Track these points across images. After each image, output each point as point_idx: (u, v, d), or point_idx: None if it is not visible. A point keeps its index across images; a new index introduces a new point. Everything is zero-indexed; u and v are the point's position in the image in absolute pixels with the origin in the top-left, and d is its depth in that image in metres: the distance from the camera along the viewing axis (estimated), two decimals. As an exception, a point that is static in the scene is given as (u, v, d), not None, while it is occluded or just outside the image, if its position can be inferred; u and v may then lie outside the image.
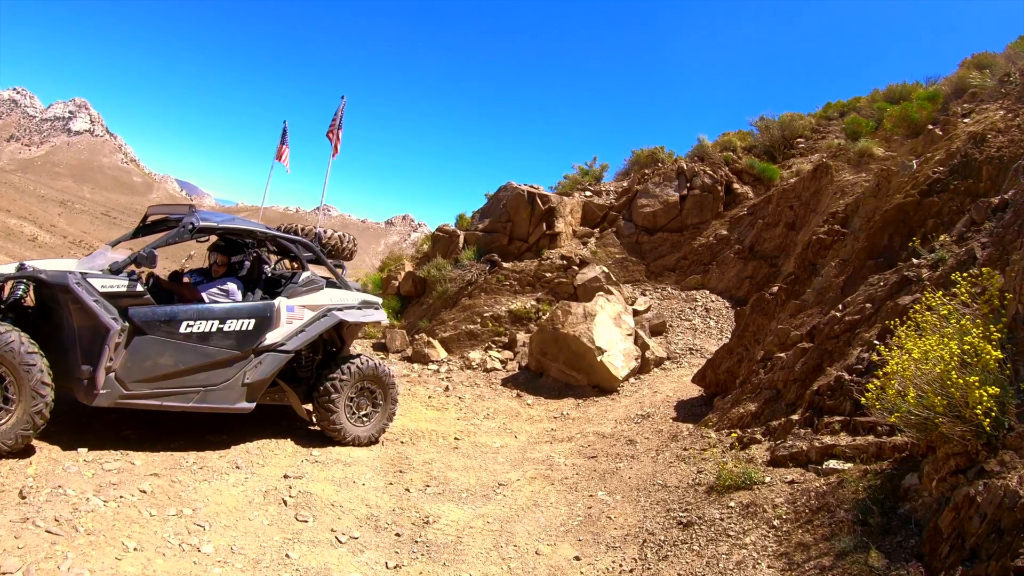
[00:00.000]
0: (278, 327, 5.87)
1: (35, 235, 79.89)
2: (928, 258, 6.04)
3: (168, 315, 5.29)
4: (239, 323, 5.64)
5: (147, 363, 5.18)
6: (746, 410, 6.26)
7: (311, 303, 6.16)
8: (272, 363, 5.84)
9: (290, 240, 6.38)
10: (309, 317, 6.11)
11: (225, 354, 5.58)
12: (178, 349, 5.32)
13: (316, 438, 6.50)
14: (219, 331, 5.52)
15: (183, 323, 5.34)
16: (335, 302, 6.34)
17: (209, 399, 5.57)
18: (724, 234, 13.98)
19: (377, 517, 5.03)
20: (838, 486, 4.29)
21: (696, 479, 5.28)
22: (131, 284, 5.11)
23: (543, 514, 5.20)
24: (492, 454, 6.93)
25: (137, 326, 5.10)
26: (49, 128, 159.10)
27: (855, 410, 4.93)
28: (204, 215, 5.85)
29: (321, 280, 6.36)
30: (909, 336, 4.27)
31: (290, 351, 5.96)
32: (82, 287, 4.83)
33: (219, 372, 5.58)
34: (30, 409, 4.58)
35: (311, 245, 6.52)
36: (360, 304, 6.58)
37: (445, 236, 14.80)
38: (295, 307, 6.02)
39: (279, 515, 4.91)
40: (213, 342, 5.50)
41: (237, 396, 5.72)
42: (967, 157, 7.08)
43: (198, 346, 5.42)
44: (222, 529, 4.61)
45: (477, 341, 11.64)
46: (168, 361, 5.29)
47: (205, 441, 5.94)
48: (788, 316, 7.16)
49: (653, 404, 8.41)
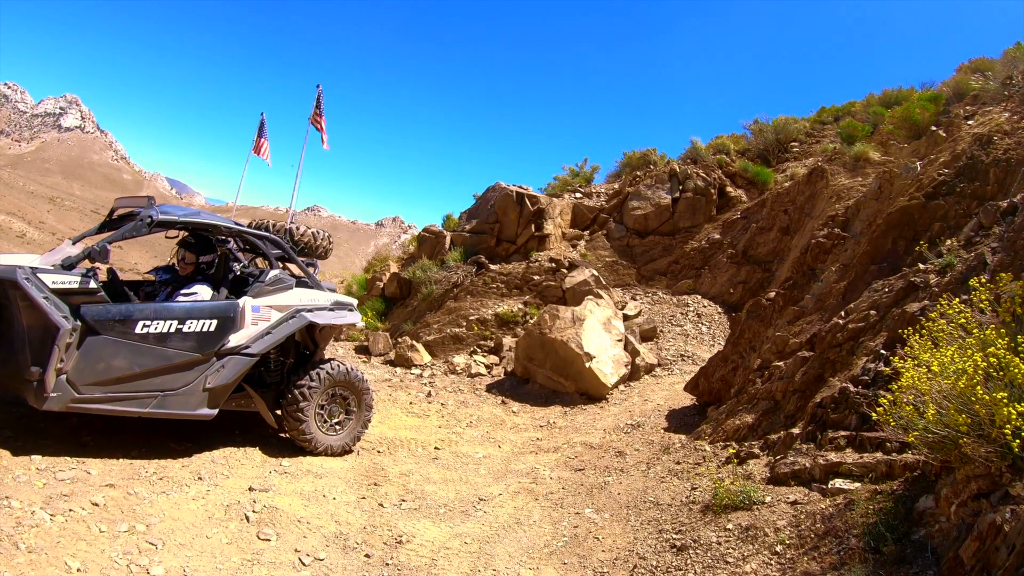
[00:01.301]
0: (243, 328, 5.49)
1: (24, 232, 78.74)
2: (936, 263, 5.74)
3: (123, 314, 4.94)
4: (200, 324, 5.26)
5: (100, 365, 4.84)
6: (742, 422, 5.92)
7: (279, 303, 5.78)
8: (236, 367, 5.46)
9: (257, 236, 5.97)
10: (276, 318, 5.73)
11: (185, 357, 5.21)
12: (134, 350, 4.97)
13: (287, 447, 6.11)
14: (178, 332, 5.16)
15: (139, 323, 4.98)
16: (305, 303, 5.96)
17: (167, 404, 5.20)
18: (717, 238, 13.69)
19: (346, 536, 4.64)
20: (846, 508, 3.94)
21: (690, 496, 4.92)
22: (84, 281, 4.78)
23: (526, 534, 4.81)
24: (474, 465, 6.55)
25: (90, 325, 4.75)
26: (40, 124, 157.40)
27: (861, 424, 4.60)
28: (165, 208, 5.44)
29: (290, 279, 5.97)
30: (923, 347, 3.95)
31: (255, 354, 5.57)
32: (31, 283, 4.49)
33: (178, 376, 5.21)
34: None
35: (280, 241, 6.12)
36: (333, 305, 6.21)
37: (431, 237, 14.41)
38: (261, 307, 5.64)
39: (240, 532, 4.53)
40: (172, 343, 5.14)
41: (198, 402, 5.34)
42: (973, 159, 6.80)
43: (155, 348, 5.07)
44: (176, 548, 4.23)
45: (462, 345, 11.26)
46: (123, 363, 4.94)
47: (168, 449, 5.56)
48: (786, 323, 6.84)
49: (643, 413, 8.05)
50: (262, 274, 5.88)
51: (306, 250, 6.67)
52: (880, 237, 6.52)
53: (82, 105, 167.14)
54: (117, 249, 5.88)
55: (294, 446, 6.06)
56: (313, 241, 6.68)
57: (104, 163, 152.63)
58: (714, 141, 16.93)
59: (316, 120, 8.21)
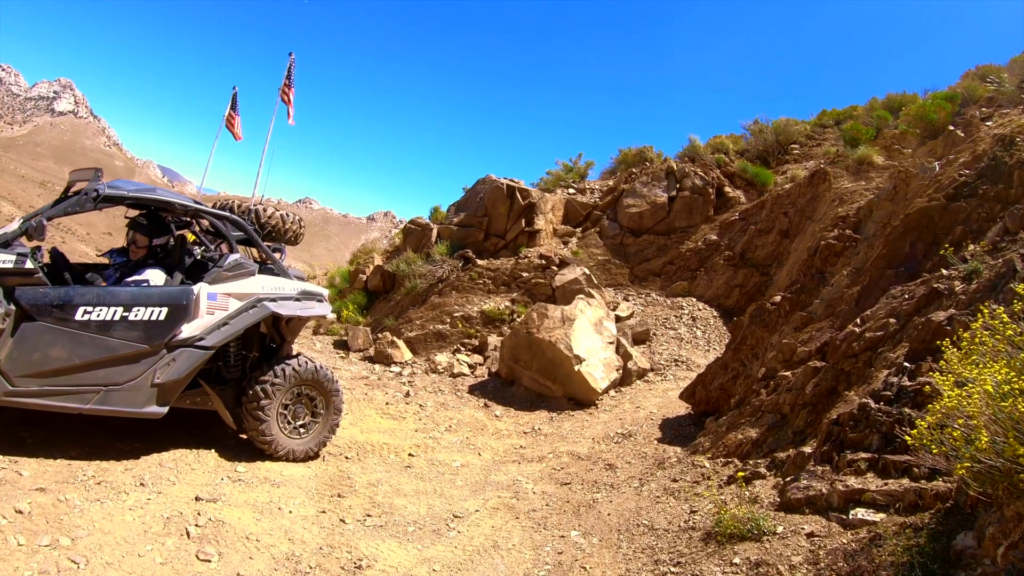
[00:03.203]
0: (197, 318, 4.94)
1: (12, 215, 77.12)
2: (960, 269, 5.25)
3: (62, 299, 4.44)
4: (148, 311, 4.72)
5: (36, 355, 4.36)
6: (745, 436, 5.40)
7: (238, 291, 5.21)
8: (188, 361, 4.91)
9: (217, 216, 5.38)
10: (235, 308, 5.17)
11: (130, 348, 4.68)
12: (73, 340, 4.47)
13: (246, 450, 5.55)
14: (123, 320, 4.63)
15: (79, 309, 4.47)
16: (268, 291, 5.39)
17: (111, 401, 4.67)
18: (714, 239, 13.20)
19: (299, 557, 4.06)
20: (871, 544, 3.42)
21: (689, 521, 4.38)
22: (19, 260, 4.29)
23: (503, 560, 4.25)
24: (450, 475, 5.98)
25: (25, 310, 4.29)
26: (33, 107, 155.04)
27: (885, 446, 4.08)
28: (114, 183, 4.87)
29: (253, 265, 5.40)
30: (964, 362, 3.45)
31: (210, 347, 5.01)
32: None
33: (123, 369, 4.68)
34: None
35: (242, 223, 5.50)
36: (299, 295, 5.64)
37: (417, 229, 13.83)
38: (218, 295, 5.08)
39: (177, 551, 3.96)
40: (116, 333, 4.62)
41: (145, 398, 4.79)
42: (996, 160, 6.33)
43: (97, 337, 4.55)
44: (101, 568, 3.67)
45: (445, 343, 10.68)
46: (61, 353, 4.44)
47: (113, 449, 5.01)
48: (793, 329, 6.33)
49: (635, 421, 7.52)
50: (221, 258, 5.32)
51: (273, 234, 6.08)
52: (897, 240, 6.03)
53: (76, 90, 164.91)
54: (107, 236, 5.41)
55: (252, 450, 5.51)
56: (281, 224, 6.09)
57: (96, 149, 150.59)
58: (713, 140, 16.46)
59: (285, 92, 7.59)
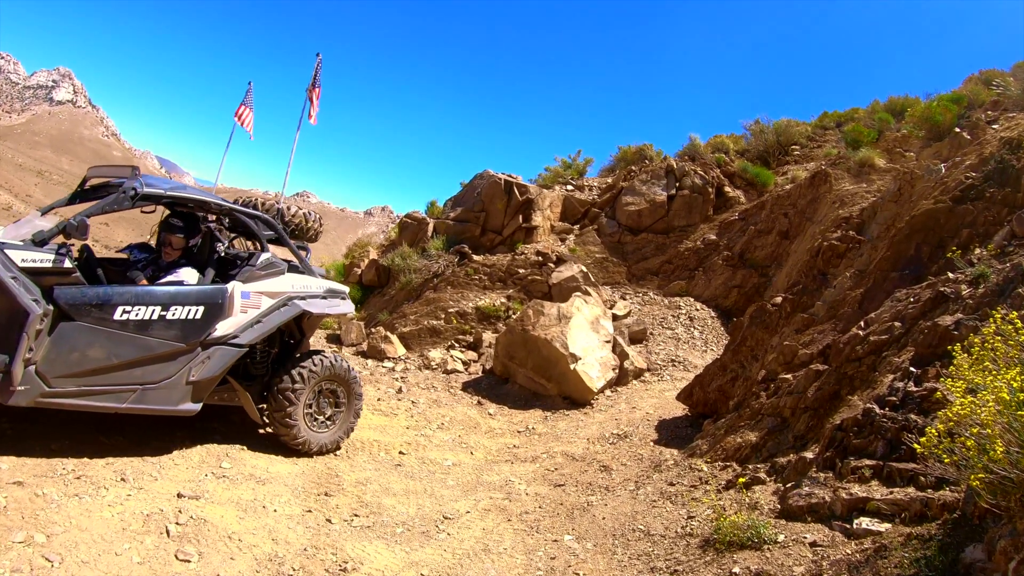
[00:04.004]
0: (231, 316, 4.97)
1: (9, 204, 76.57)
2: (967, 273, 5.13)
3: (101, 298, 4.38)
4: (185, 311, 4.74)
5: (74, 355, 4.30)
6: (744, 440, 5.27)
7: (270, 290, 5.27)
8: (223, 358, 4.95)
9: (249, 215, 5.41)
10: (267, 306, 5.23)
11: (168, 347, 4.69)
12: (112, 339, 4.43)
13: (233, 446, 5.40)
14: (161, 319, 4.63)
15: (118, 308, 4.43)
16: (297, 290, 5.46)
17: (147, 399, 4.68)
18: (713, 239, 13.07)
19: (281, 559, 3.91)
20: (876, 555, 3.29)
21: (687, 527, 4.25)
22: (58, 259, 4.21)
23: (494, 564, 4.11)
24: (441, 475, 5.84)
25: (63, 310, 4.21)
26: (31, 96, 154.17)
27: (890, 453, 3.96)
28: (150, 180, 4.81)
29: (283, 264, 5.45)
30: (976, 368, 3.32)
31: (244, 345, 5.07)
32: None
33: (160, 367, 4.69)
34: None
35: (272, 222, 5.56)
36: (325, 293, 5.73)
37: (413, 223, 13.67)
38: (251, 294, 5.12)
39: (156, 550, 3.81)
40: (154, 332, 4.61)
41: (180, 396, 4.82)
42: (1003, 163, 6.21)
43: (136, 336, 4.54)
44: (76, 567, 3.53)
45: (439, 339, 10.53)
46: (99, 353, 4.40)
47: (95, 443, 4.86)
48: (794, 331, 6.21)
49: (631, 422, 7.38)
50: (251, 257, 5.35)
51: (296, 232, 6.14)
52: (902, 242, 5.91)
53: (75, 79, 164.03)
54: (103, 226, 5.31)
55: (239, 445, 5.41)
56: (304, 223, 6.16)
57: (94, 138, 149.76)
58: (713, 140, 16.33)
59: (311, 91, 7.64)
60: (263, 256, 5.34)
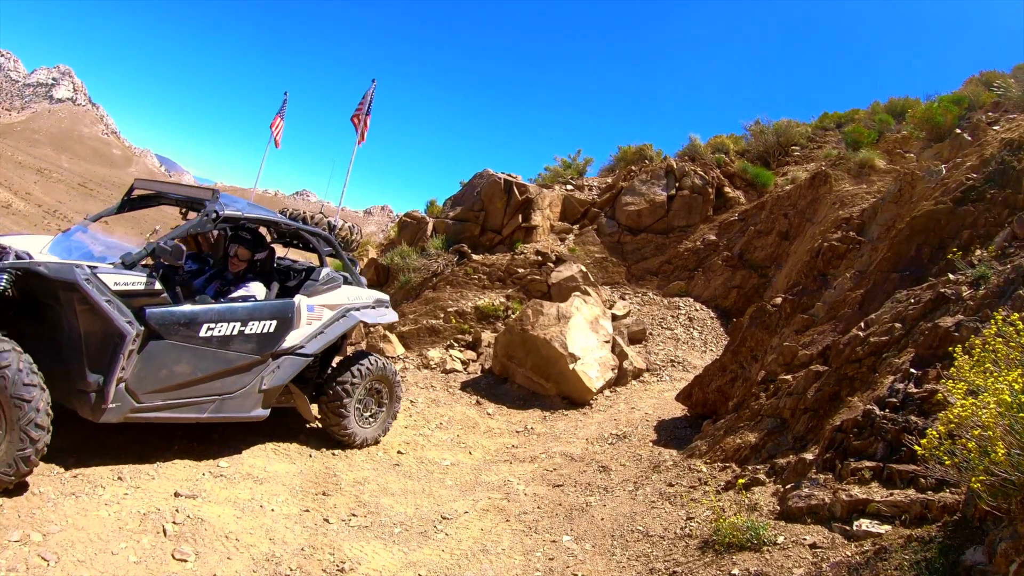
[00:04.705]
0: (298, 328, 5.29)
1: (9, 202, 76.41)
2: (968, 274, 5.12)
3: (188, 317, 4.56)
4: (261, 325, 5.00)
5: (163, 371, 4.48)
6: (744, 441, 5.26)
7: (330, 302, 5.62)
8: (291, 367, 5.28)
9: (312, 233, 5.78)
10: (328, 317, 5.57)
11: (245, 359, 4.95)
12: (197, 355, 4.64)
13: (228, 444, 5.38)
14: (240, 334, 4.87)
15: (204, 326, 4.63)
16: (352, 301, 5.83)
17: (225, 408, 4.97)
18: (712, 239, 13.06)
19: (279, 559, 3.90)
20: (876, 557, 3.28)
21: (686, 528, 4.23)
22: (149, 282, 4.39)
23: (492, 565, 4.09)
24: (440, 474, 5.83)
25: (153, 329, 4.36)
26: (31, 94, 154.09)
27: (890, 454, 3.94)
28: (227, 201, 5.05)
29: (339, 277, 5.83)
30: (977, 370, 3.31)
31: (310, 355, 5.41)
32: (92, 284, 4.04)
33: (237, 378, 4.96)
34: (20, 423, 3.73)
35: (331, 239, 5.94)
36: (374, 303, 6.11)
37: (413, 222, 13.65)
38: (315, 307, 5.45)
39: (153, 549, 3.79)
40: (234, 346, 4.86)
41: (253, 403, 5.14)
42: (1004, 164, 6.20)
43: (218, 351, 4.76)
44: (72, 566, 3.51)
45: (438, 338, 10.52)
46: (185, 369, 4.61)
47: (95, 440, 4.84)
48: (794, 332, 6.19)
49: (630, 422, 7.37)
50: (313, 272, 5.70)
51: (343, 245, 6.34)
52: (903, 243, 5.89)
53: (75, 77, 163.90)
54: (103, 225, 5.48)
55: (237, 445, 5.39)
56: (349, 235, 6.35)
57: (94, 136, 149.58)
58: (713, 140, 16.31)
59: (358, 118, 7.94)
60: (324, 271, 5.66)
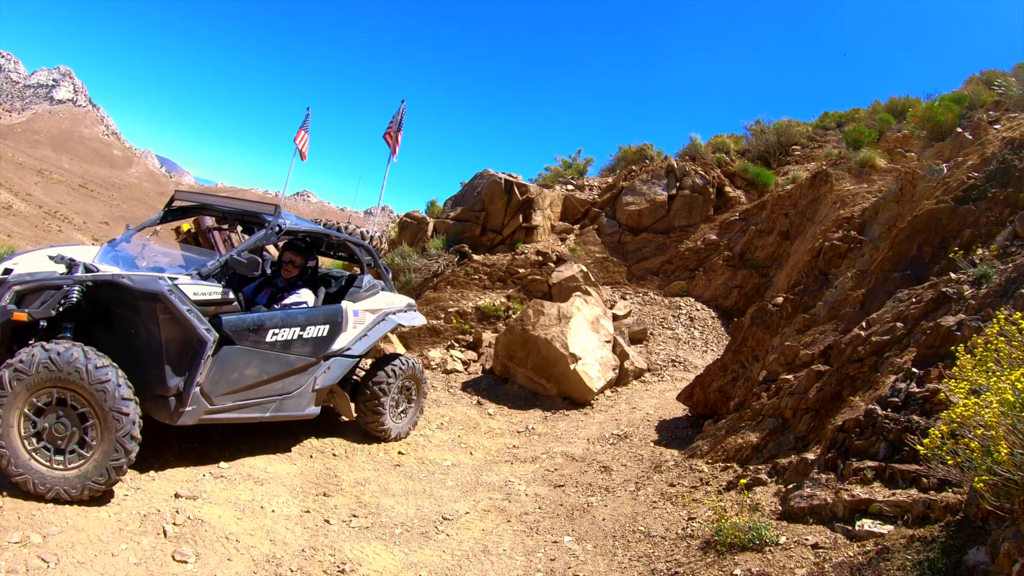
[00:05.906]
0: (346, 331, 5.69)
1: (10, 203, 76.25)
2: (969, 273, 5.10)
3: (256, 323, 4.90)
4: (317, 329, 5.38)
5: (234, 375, 4.79)
6: (745, 441, 5.25)
7: (372, 307, 6.07)
8: (340, 368, 5.71)
9: (354, 243, 6.27)
10: (370, 321, 6.01)
11: (303, 361, 5.32)
12: (263, 359, 4.98)
13: (229, 444, 5.38)
14: (300, 338, 5.24)
15: (270, 331, 4.98)
16: (388, 306, 6.29)
17: (284, 407, 5.32)
18: (713, 239, 13.05)
19: (279, 560, 3.89)
20: (879, 557, 3.27)
21: (687, 528, 4.22)
22: (224, 292, 4.71)
23: (493, 566, 4.08)
24: (441, 475, 5.82)
25: (226, 335, 4.67)
26: (32, 95, 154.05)
27: (892, 454, 3.93)
28: (288, 217, 5.48)
29: (378, 284, 6.29)
30: (979, 369, 3.30)
31: (356, 356, 5.86)
32: (175, 295, 4.29)
33: (294, 379, 5.31)
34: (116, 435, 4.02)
35: (371, 249, 6.41)
36: (406, 307, 6.58)
37: (413, 223, 13.63)
38: (359, 311, 5.89)
39: (153, 550, 3.78)
40: (294, 349, 5.21)
41: (307, 402, 5.51)
42: (1006, 163, 6.19)
43: (281, 354, 5.11)
44: (72, 567, 3.50)
45: (439, 338, 10.51)
46: (253, 372, 4.94)
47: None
48: (795, 332, 6.18)
49: (631, 422, 7.36)
50: (356, 279, 6.11)
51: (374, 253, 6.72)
52: (904, 242, 5.88)
53: (75, 78, 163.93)
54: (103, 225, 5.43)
55: (236, 445, 5.42)
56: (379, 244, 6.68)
57: (95, 137, 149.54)
58: (714, 139, 16.31)
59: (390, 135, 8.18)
60: (366, 278, 6.08)
